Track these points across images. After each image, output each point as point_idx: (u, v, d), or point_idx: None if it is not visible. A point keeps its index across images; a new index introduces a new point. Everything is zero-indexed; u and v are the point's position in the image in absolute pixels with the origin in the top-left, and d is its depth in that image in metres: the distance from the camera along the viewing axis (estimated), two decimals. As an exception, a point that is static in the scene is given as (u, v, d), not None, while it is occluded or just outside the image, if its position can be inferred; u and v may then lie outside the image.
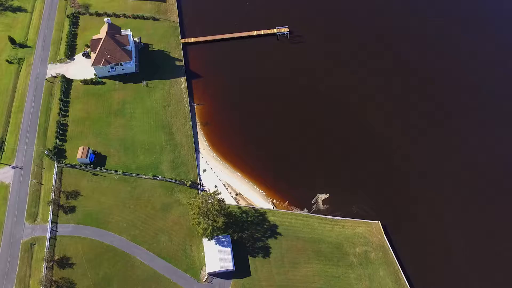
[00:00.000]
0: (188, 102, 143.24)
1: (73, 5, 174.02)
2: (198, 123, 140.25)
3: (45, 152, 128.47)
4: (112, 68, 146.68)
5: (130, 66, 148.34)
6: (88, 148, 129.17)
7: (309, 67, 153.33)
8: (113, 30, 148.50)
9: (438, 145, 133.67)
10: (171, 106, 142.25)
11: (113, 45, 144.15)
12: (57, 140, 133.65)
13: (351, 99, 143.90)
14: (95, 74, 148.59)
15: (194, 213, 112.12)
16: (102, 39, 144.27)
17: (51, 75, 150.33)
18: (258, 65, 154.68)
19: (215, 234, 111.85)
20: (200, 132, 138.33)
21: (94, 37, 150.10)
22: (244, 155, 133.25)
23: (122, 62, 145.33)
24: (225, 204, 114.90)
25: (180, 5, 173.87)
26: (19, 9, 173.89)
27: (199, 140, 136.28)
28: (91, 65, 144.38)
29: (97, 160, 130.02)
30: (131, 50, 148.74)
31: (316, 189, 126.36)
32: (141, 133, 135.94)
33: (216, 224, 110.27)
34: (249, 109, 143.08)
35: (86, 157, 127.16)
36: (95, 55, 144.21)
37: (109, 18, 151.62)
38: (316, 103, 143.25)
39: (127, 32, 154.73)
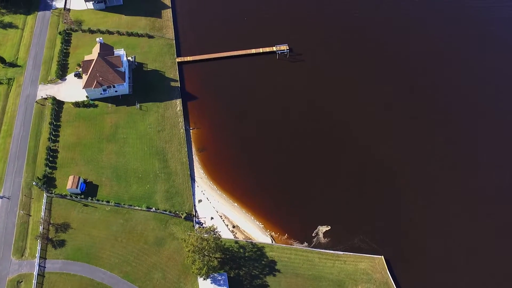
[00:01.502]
0: (183, 126, 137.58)
1: (65, 21, 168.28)
2: (193, 149, 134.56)
3: (33, 183, 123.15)
4: (104, 90, 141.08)
5: (123, 88, 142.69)
6: (79, 178, 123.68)
7: (310, 87, 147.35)
8: (106, 50, 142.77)
9: (443, 173, 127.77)
10: (166, 131, 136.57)
11: (105, 67, 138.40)
12: (47, 168, 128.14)
13: (352, 124, 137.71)
14: (87, 96, 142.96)
15: (189, 251, 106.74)
16: (94, 61, 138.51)
17: (42, 96, 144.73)
18: (257, 86, 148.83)
19: (210, 273, 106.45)
20: (195, 159, 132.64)
21: (86, 57, 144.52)
22: (242, 184, 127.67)
23: (115, 84, 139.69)
24: (221, 241, 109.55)
25: (176, 22, 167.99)
26: (10, 25, 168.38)
27: (194, 168, 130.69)
28: (82, 88, 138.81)
29: (88, 189, 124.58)
30: (124, 72, 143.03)
31: (317, 220, 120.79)
32: (134, 160, 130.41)
33: (211, 263, 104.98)
34: (247, 134, 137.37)
35: (77, 187, 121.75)
36: (86, 77, 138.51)
37: (101, 38, 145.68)
38: (317, 128, 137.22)
39: (120, 51, 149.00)
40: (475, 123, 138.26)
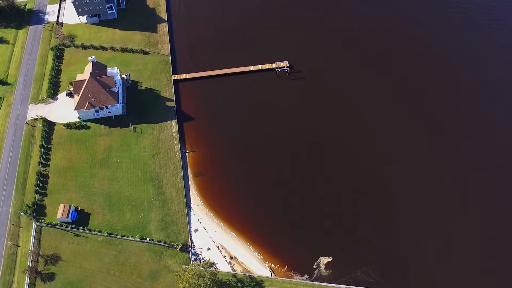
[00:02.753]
0: (179, 150, 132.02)
1: (57, 36, 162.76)
2: (190, 174, 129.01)
3: (21, 213, 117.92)
4: (97, 111, 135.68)
5: (116, 109, 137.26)
6: (70, 206, 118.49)
7: (312, 107, 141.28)
8: (98, 69, 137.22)
9: (449, 205, 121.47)
10: (161, 155, 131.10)
11: (97, 87, 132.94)
12: (37, 195, 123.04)
13: (356, 149, 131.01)
14: (79, 117, 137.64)
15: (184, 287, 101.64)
16: (86, 81, 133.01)
17: (32, 117, 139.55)
18: (257, 105, 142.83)
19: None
20: (192, 185, 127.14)
21: (78, 76, 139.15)
22: (240, 212, 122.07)
23: (108, 105, 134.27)
24: (218, 278, 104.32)
25: (172, 37, 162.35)
26: (0, 41, 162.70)
27: (191, 194, 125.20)
28: (74, 109, 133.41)
29: (80, 218, 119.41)
30: (118, 91, 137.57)
31: (318, 251, 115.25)
32: (128, 186, 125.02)
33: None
34: (246, 158, 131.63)
35: (67, 217, 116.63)
36: (78, 98, 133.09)
37: (93, 57, 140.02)
38: (320, 152, 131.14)
39: (113, 70, 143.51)
40: (485, 152, 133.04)
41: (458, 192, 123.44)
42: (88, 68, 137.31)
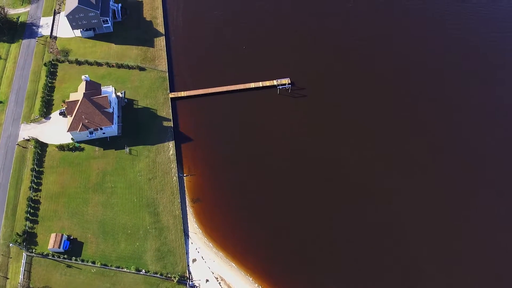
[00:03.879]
0: (176, 173, 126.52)
1: (51, 50, 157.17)
2: (187, 200, 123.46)
3: (10, 244, 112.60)
4: (91, 133, 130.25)
5: (111, 130, 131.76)
6: (62, 235, 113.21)
7: (315, 127, 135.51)
8: (92, 89, 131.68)
9: (454, 234, 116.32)
10: (157, 179, 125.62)
11: (91, 108, 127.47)
12: (27, 222, 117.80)
13: (361, 171, 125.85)
14: (72, 139, 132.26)
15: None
16: (79, 102, 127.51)
17: (24, 138, 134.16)
18: (258, 125, 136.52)
19: None
20: (190, 211, 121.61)
21: (71, 96, 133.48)
22: (240, 241, 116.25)
23: (102, 127, 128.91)
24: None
25: (170, 51, 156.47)
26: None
27: (188, 221, 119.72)
28: (67, 131, 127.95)
29: (72, 247, 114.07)
30: (112, 112, 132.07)
31: (322, 284, 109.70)
32: (122, 213, 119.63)
33: None
34: (247, 182, 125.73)
35: (59, 247, 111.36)
36: (71, 119, 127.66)
37: (87, 76, 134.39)
38: (325, 175, 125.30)
39: (108, 88, 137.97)
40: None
41: (462, 217, 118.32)
42: (82, 88, 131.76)
